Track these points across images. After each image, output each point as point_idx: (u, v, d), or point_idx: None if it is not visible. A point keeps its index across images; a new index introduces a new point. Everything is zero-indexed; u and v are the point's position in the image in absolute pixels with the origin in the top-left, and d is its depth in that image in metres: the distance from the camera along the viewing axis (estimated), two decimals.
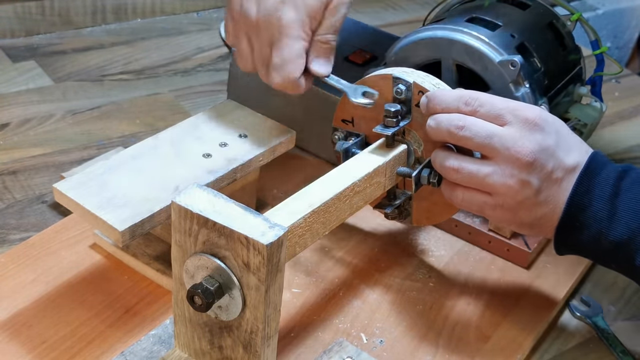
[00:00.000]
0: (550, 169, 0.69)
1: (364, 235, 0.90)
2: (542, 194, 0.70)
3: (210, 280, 0.61)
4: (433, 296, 0.83)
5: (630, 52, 2.07)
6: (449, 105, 0.72)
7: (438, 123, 0.71)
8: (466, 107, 0.71)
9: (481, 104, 0.71)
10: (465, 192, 0.73)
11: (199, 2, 1.39)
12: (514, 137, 0.69)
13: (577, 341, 0.82)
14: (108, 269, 0.81)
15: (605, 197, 0.69)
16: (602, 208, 0.69)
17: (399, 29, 1.27)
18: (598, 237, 0.69)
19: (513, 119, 0.69)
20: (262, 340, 0.63)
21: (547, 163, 0.69)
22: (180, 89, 1.16)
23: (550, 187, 0.70)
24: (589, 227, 0.69)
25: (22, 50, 1.19)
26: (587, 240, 0.70)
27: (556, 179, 0.69)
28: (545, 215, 0.71)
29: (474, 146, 0.70)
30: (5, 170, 0.95)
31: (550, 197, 0.70)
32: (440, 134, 0.72)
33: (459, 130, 0.70)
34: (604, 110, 0.90)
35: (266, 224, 0.59)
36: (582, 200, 0.69)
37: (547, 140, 0.69)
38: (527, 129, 0.69)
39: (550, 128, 0.70)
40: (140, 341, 0.72)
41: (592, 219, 0.69)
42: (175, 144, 0.79)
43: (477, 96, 0.71)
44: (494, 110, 0.70)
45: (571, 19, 0.90)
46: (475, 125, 0.70)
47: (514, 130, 0.69)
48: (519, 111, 0.70)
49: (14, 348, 0.72)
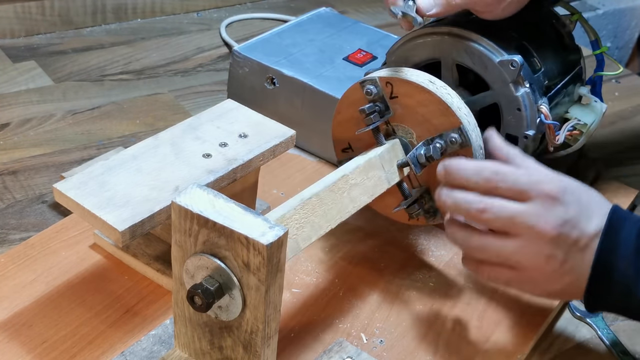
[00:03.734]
0: (574, 239, 0.69)
1: (364, 235, 0.90)
2: (568, 264, 0.69)
3: (210, 280, 0.61)
4: (433, 296, 0.83)
5: (630, 52, 2.07)
6: (468, 180, 0.71)
7: (456, 203, 0.71)
8: (487, 183, 0.70)
9: (503, 180, 0.69)
10: (492, 270, 0.72)
11: (199, 2, 1.39)
12: (537, 214, 0.68)
13: (577, 341, 0.82)
14: (108, 269, 0.81)
15: (630, 254, 0.68)
16: (628, 266, 0.68)
17: (399, 29, 1.27)
18: (628, 295, 0.69)
19: (536, 195, 0.68)
20: (262, 341, 0.63)
21: (570, 234, 0.68)
22: (180, 89, 1.16)
23: (575, 256, 0.69)
24: (617, 285, 0.69)
25: (22, 50, 1.19)
26: (617, 299, 0.70)
27: (581, 247, 0.69)
28: (573, 282, 0.71)
29: (496, 227, 0.70)
30: (5, 170, 0.95)
31: (576, 264, 0.69)
32: (459, 212, 0.71)
33: (480, 213, 0.69)
34: (604, 110, 0.90)
35: (266, 224, 0.59)
36: (608, 261, 0.69)
37: (569, 213, 0.68)
38: (549, 204, 0.68)
39: (571, 198, 0.69)
40: (140, 341, 0.72)
41: (619, 278, 0.69)
42: (175, 144, 0.79)
43: (497, 170, 0.70)
44: (516, 186, 0.69)
45: (571, 19, 0.90)
46: (496, 206, 0.69)
47: (536, 208, 0.68)
48: (542, 186, 0.69)
49: (14, 348, 0.72)
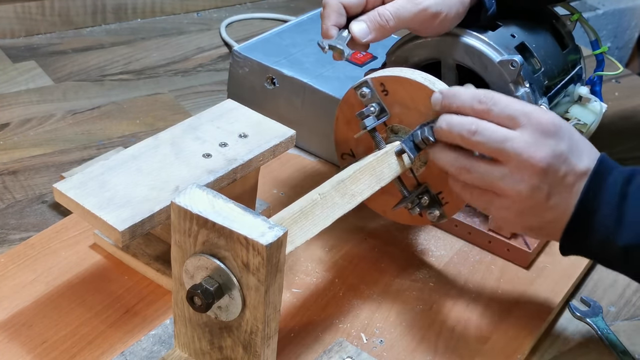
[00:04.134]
0: (562, 174, 0.68)
1: (364, 235, 0.90)
2: (553, 199, 0.69)
3: (210, 280, 0.61)
4: (433, 296, 0.83)
5: (630, 52, 2.07)
6: (463, 102, 0.70)
7: (450, 126, 0.71)
8: (480, 105, 0.70)
9: (495, 103, 0.69)
10: (476, 192, 0.72)
11: (199, 2, 1.39)
12: (527, 142, 0.68)
13: (577, 341, 0.82)
14: (108, 269, 0.81)
15: (613, 202, 0.68)
16: (610, 213, 0.68)
17: None
18: (606, 242, 0.69)
19: (527, 122, 0.68)
20: (262, 341, 0.63)
21: (559, 169, 0.68)
22: (180, 89, 1.16)
23: (561, 193, 0.69)
24: (596, 231, 0.69)
25: (22, 50, 1.19)
26: (594, 245, 0.70)
27: (568, 184, 0.69)
28: (554, 219, 0.70)
29: (486, 151, 0.69)
30: (5, 170, 0.95)
31: (560, 201, 0.69)
32: (452, 138, 0.71)
33: (472, 135, 0.69)
34: (604, 110, 0.90)
35: (265, 224, 0.59)
36: (591, 205, 0.68)
37: (560, 146, 0.68)
38: (540, 135, 0.68)
39: (564, 133, 0.69)
40: (140, 341, 0.72)
41: (599, 224, 0.68)
42: (175, 144, 0.79)
43: (492, 95, 0.70)
44: (507, 111, 0.69)
45: (571, 19, 0.90)
46: (488, 129, 0.69)
47: (527, 135, 0.68)
48: (533, 115, 0.68)
49: (14, 348, 0.72)
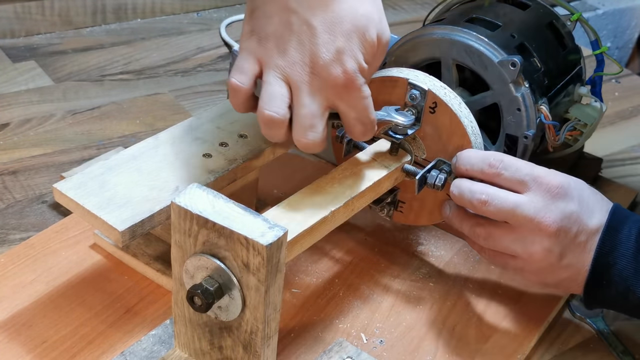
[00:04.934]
0: (574, 234, 0.69)
1: (364, 235, 0.90)
2: (566, 258, 0.70)
3: (210, 280, 0.61)
4: (433, 296, 0.83)
5: (630, 52, 2.07)
6: (473, 166, 0.72)
7: (461, 193, 0.72)
8: (490, 169, 0.71)
9: (505, 167, 0.71)
10: (494, 254, 0.75)
11: (199, 2, 1.39)
12: (536, 207, 0.69)
13: (577, 341, 0.82)
14: (108, 269, 0.81)
15: (630, 253, 0.69)
16: (627, 265, 0.69)
17: (399, 29, 1.27)
18: (626, 294, 0.69)
19: (536, 186, 0.69)
20: (262, 341, 0.63)
21: (570, 229, 0.69)
22: (180, 89, 1.16)
23: (573, 252, 0.70)
24: (616, 284, 0.70)
25: (22, 50, 1.19)
26: (615, 297, 0.71)
27: (580, 242, 0.70)
28: (570, 277, 0.72)
29: (497, 218, 0.71)
30: (5, 170, 0.95)
31: (574, 260, 0.70)
32: (464, 203, 0.73)
33: (482, 205, 0.71)
34: (604, 110, 0.90)
35: (266, 224, 0.59)
36: (607, 259, 0.69)
37: (569, 207, 0.69)
38: (550, 198, 0.69)
39: (573, 194, 0.70)
40: (140, 341, 0.72)
41: (618, 277, 0.69)
42: (175, 144, 0.79)
43: (502, 158, 0.72)
44: (517, 176, 0.70)
45: (571, 19, 0.90)
46: (498, 198, 0.70)
47: (536, 200, 0.69)
48: (542, 179, 0.70)
49: (14, 348, 0.72)
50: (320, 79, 0.65)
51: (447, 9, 0.94)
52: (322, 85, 0.65)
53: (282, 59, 0.65)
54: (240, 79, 0.67)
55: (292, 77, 0.65)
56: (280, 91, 0.65)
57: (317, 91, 0.65)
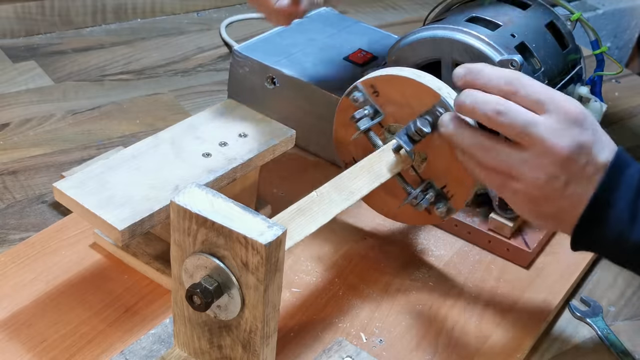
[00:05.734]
0: (583, 165, 0.67)
1: (364, 235, 0.90)
2: (570, 187, 0.68)
3: (209, 279, 0.61)
4: (433, 296, 0.83)
5: (630, 52, 2.07)
6: (490, 80, 0.68)
7: (476, 103, 0.68)
8: (507, 86, 0.67)
9: (523, 85, 0.67)
10: (490, 173, 0.70)
11: (199, 2, 1.39)
12: (552, 128, 0.66)
13: (577, 341, 0.82)
14: (108, 268, 0.81)
15: (629, 197, 0.67)
16: (625, 208, 0.67)
17: (399, 29, 1.27)
18: (619, 237, 0.67)
19: (553, 108, 0.66)
20: (261, 340, 0.63)
21: (580, 159, 0.67)
22: (180, 89, 1.16)
23: (579, 183, 0.67)
24: (610, 225, 0.67)
25: (22, 50, 1.19)
26: (607, 239, 0.68)
27: (587, 174, 0.67)
28: (568, 208, 0.69)
29: (509, 133, 0.68)
30: (5, 170, 0.95)
31: (577, 191, 0.68)
32: (475, 115, 0.69)
33: (498, 115, 0.67)
34: (604, 110, 0.90)
35: (265, 223, 0.59)
36: (607, 198, 0.67)
37: (584, 136, 0.67)
38: (565, 122, 0.66)
39: (588, 124, 0.68)
40: (140, 340, 0.72)
41: (614, 218, 0.67)
42: (175, 144, 0.79)
43: (519, 76, 0.68)
44: (535, 95, 0.67)
45: (571, 19, 0.90)
46: (515, 111, 0.67)
47: (552, 122, 0.66)
48: (560, 102, 0.67)
49: (14, 347, 0.72)
50: None
51: (447, 9, 0.94)
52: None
53: None
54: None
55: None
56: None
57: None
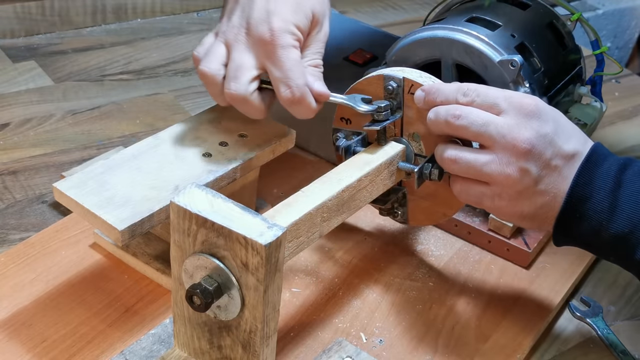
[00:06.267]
0: (549, 156, 0.69)
1: (364, 235, 0.90)
2: (542, 182, 0.69)
3: (209, 280, 0.61)
4: (433, 296, 0.83)
5: (630, 52, 2.07)
6: (447, 97, 0.72)
7: (437, 114, 0.72)
8: (464, 97, 0.71)
9: (478, 94, 0.71)
10: (464, 183, 0.73)
11: (199, 2, 1.39)
12: (509, 124, 0.69)
13: (577, 341, 0.82)
14: (108, 268, 0.81)
15: (607, 189, 0.68)
16: (603, 200, 0.68)
17: (399, 29, 1.27)
18: (598, 229, 0.69)
19: (509, 107, 0.69)
20: (261, 340, 0.63)
21: (544, 150, 0.69)
22: (180, 89, 1.16)
23: (549, 175, 0.69)
24: (589, 218, 0.69)
25: (22, 50, 1.19)
26: (587, 232, 0.70)
27: (555, 166, 0.69)
28: (546, 204, 0.70)
29: (470, 135, 0.70)
30: (5, 170, 0.95)
31: (551, 185, 0.69)
32: (439, 126, 0.72)
33: (456, 119, 0.70)
34: (604, 110, 0.90)
35: (264, 224, 0.59)
36: (584, 191, 0.69)
37: (544, 128, 0.69)
38: (523, 117, 0.69)
39: (547, 116, 0.70)
40: (140, 340, 0.72)
41: (592, 211, 0.69)
42: (175, 144, 0.79)
43: (475, 87, 0.72)
44: (489, 99, 0.70)
45: (571, 19, 0.90)
46: (471, 113, 0.70)
47: (509, 118, 0.69)
48: (514, 99, 0.70)
49: (14, 347, 0.72)
50: (251, 38, 0.74)
51: (447, 9, 0.94)
52: (252, 43, 0.74)
53: (226, 25, 0.76)
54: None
55: (228, 38, 0.75)
56: (218, 51, 0.75)
57: (248, 49, 0.74)
